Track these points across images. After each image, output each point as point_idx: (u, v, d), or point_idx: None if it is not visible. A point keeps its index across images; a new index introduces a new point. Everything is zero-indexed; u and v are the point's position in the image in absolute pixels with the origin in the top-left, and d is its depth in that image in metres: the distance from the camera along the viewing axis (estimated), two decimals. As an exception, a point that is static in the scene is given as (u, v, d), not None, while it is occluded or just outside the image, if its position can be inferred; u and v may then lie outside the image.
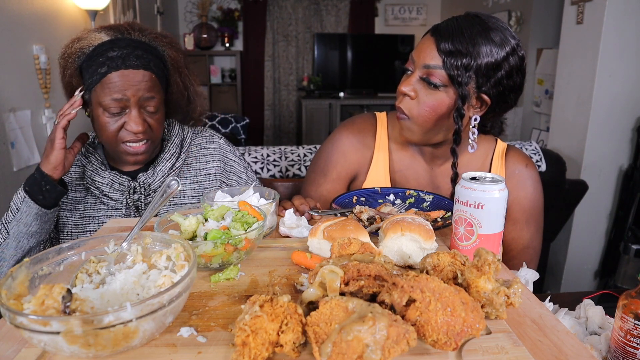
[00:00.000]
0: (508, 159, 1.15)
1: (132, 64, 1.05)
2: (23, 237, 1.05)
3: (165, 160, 1.19)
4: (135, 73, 1.05)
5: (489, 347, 0.55)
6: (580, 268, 2.67)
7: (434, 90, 1.00)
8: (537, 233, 1.17)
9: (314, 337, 0.49)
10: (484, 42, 0.95)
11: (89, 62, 1.07)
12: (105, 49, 1.06)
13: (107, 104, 1.05)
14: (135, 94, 1.05)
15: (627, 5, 2.28)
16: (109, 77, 1.04)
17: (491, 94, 1.00)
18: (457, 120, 1.00)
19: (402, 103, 1.04)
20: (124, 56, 1.05)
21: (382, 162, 1.18)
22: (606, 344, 0.81)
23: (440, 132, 1.06)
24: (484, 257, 0.59)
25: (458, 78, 0.96)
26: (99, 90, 1.05)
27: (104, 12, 3.15)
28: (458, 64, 0.95)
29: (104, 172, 1.16)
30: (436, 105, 1.00)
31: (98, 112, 1.07)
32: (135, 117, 1.06)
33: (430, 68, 0.98)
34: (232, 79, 5.75)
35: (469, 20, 0.98)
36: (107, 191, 1.15)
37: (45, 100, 2.44)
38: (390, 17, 6.02)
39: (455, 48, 0.95)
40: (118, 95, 1.04)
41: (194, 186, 1.23)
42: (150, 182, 1.16)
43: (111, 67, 1.04)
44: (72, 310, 0.53)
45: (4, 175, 2.11)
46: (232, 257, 0.74)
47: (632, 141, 2.48)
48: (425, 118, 1.02)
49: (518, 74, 1.00)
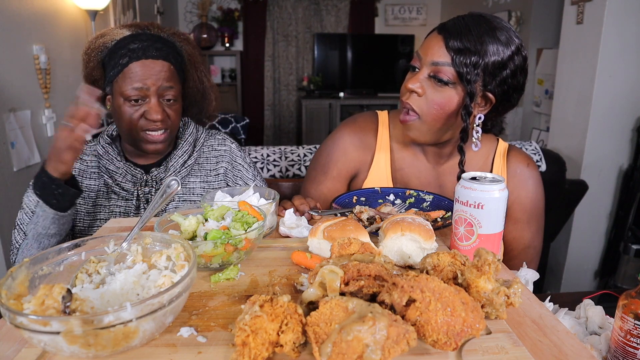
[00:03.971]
0: (510, 158, 1.16)
1: (151, 55, 1.11)
2: (43, 237, 1.06)
3: (177, 157, 1.23)
4: (155, 63, 1.11)
5: (489, 347, 0.55)
6: (580, 268, 2.67)
7: (442, 88, 1.00)
8: (538, 233, 1.17)
9: (314, 337, 0.49)
10: (491, 40, 0.96)
11: (111, 55, 1.13)
12: (126, 42, 1.12)
13: (128, 93, 1.10)
14: (155, 83, 1.11)
15: (627, 5, 2.28)
16: (130, 67, 1.10)
17: (496, 93, 1.01)
18: (465, 118, 1.00)
19: (410, 99, 1.04)
20: (144, 48, 1.11)
21: (383, 161, 1.18)
22: (606, 344, 0.81)
23: (449, 130, 1.06)
24: (484, 257, 0.59)
25: (467, 75, 0.96)
26: (120, 80, 1.11)
27: (104, 12, 3.15)
28: (467, 61, 0.96)
29: (119, 162, 1.20)
30: (445, 102, 1.00)
31: (119, 102, 1.12)
32: (154, 106, 1.12)
33: (439, 65, 0.99)
34: (232, 79, 5.75)
35: (475, 20, 0.99)
36: (120, 180, 1.19)
37: (45, 100, 2.44)
38: (390, 17, 6.02)
39: (464, 46, 0.96)
40: (138, 84, 1.10)
41: (204, 185, 1.26)
42: (162, 177, 1.21)
43: (132, 57, 1.10)
44: (72, 310, 0.53)
45: (4, 175, 2.11)
46: (232, 257, 0.74)
47: (632, 141, 2.48)
48: (434, 116, 1.02)
49: (522, 73, 1.01)
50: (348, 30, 5.91)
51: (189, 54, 1.23)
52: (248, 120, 4.52)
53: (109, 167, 1.20)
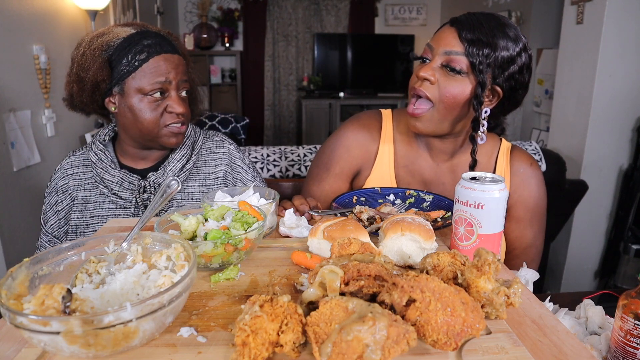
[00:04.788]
0: (513, 157, 1.16)
1: (168, 49, 1.12)
2: None
3: (175, 161, 1.20)
4: (173, 57, 1.12)
5: (489, 347, 0.55)
6: (580, 268, 2.67)
7: (454, 77, 1.01)
8: (540, 232, 1.18)
9: (314, 337, 0.49)
10: (501, 35, 0.99)
11: (121, 53, 1.09)
12: (138, 38, 1.10)
13: (149, 89, 1.08)
14: (176, 76, 1.11)
15: (627, 5, 2.28)
16: (151, 61, 1.09)
17: (504, 87, 1.03)
18: (477, 107, 1.02)
19: (423, 87, 1.03)
20: (160, 43, 1.11)
21: (387, 158, 1.18)
22: (606, 344, 0.81)
23: (460, 121, 1.07)
24: (484, 257, 0.59)
25: (479, 66, 0.98)
26: (138, 76, 1.09)
27: (104, 12, 3.16)
28: (480, 52, 0.98)
29: (114, 170, 1.17)
30: (457, 91, 1.01)
31: (135, 100, 1.10)
32: (178, 99, 1.11)
33: (452, 54, 1.01)
34: (232, 79, 5.75)
35: (485, 16, 1.02)
36: (117, 190, 1.16)
37: (45, 100, 2.44)
38: (390, 17, 6.02)
39: (477, 37, 0.98)
40: (162, 78, 1.09)
41: (203, 189, 1.23)
42: (161, 182, 1.17)
43: (151, 52, 1.09)
44: (72, 310, 0.53)
45: (4, 175, 2.11)
46: (232, 257, 0.74)
47: (632, 141, 2.48)
48: (447, 105, 1.03)
49: (527, 71, 1.04)
50: (348, 30, 5.91)
51: (183, 54, 1.22)
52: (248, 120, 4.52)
53: (104, 176, 1.16)
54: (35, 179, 2.35)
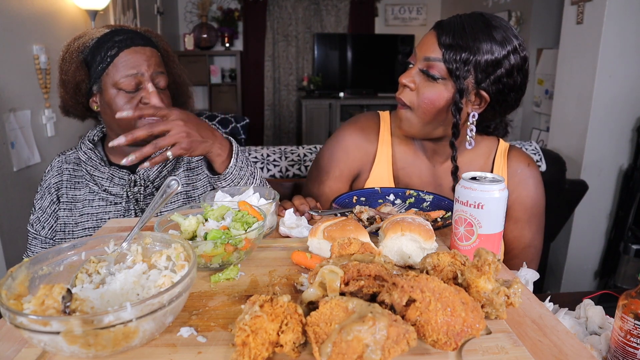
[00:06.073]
0: (510, 158, 1.16)
1: (139, 43, 1.12)
2: None
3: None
4: (145, 49, 1.12)
5: (489, 347, 0.55)
6: (580, 268, 2.67)
7: (432, 83, 1.02)
8: (539, 232, 1.17)
9: (314, 337, 0.49)
10: (485, 38, 0.97)
11: (95, 52, 1.12)
12: (110, 36, 1.12)
13: (122, 82, 1.09)
14: (148, 68, 1.11)
15: (627, 5, 2.28)
16: (121, 55, 1.10)
17: (490, 91, 1.01)
18: (455, 113, 1.02)
19: (402, 94, 1.07)
20: (131, 37, 1.12)
21: (385, 160, 1.19)
22: (606, 344, 0.81)
23: (440, 126, 1.07)
24: (484, 257, 0.59)
25: (456, 72, 0.98)
26: (111, 72, 1.10)
27: (104, 12, 3.15)
28: (457, 57, 0.97)
29: (103, 167, 1.18)
30: (435, 97, 1.02)
31: (111, 95, 1.11)
32: (152, 92, 1.11)
33: (430, 61, 1.01)
34: (232, 79, 5.74)
35: (473, 18, 1.01)
36: (107, 185, 1.17)
37: (45, 100, 2.44)
38: (390, 17, 6.02)
39: (455, 42, 0.97)
40: (133, 71, 1.09)
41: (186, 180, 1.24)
42: (149, 174, 1.19)
43: (121, 47, 1.10)
44: (72, 310, 0.53)
45: (4, 175, 2.11)
46: (232, 257, 0.74)
47: (632, 141, 2.48)
48: (424, 110, 1.04)
49: (519, 73, 1.01)
50: (348, 30, 5.91)
51: (164, 49, 1.23)
52: (248, 120, 4.52)
53: (94, 173, 1.17)
54: (36, 179, 2.35)
